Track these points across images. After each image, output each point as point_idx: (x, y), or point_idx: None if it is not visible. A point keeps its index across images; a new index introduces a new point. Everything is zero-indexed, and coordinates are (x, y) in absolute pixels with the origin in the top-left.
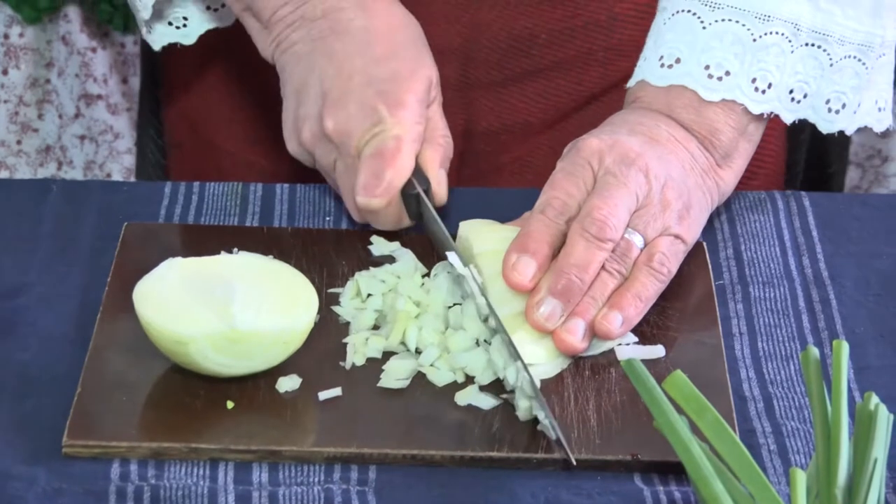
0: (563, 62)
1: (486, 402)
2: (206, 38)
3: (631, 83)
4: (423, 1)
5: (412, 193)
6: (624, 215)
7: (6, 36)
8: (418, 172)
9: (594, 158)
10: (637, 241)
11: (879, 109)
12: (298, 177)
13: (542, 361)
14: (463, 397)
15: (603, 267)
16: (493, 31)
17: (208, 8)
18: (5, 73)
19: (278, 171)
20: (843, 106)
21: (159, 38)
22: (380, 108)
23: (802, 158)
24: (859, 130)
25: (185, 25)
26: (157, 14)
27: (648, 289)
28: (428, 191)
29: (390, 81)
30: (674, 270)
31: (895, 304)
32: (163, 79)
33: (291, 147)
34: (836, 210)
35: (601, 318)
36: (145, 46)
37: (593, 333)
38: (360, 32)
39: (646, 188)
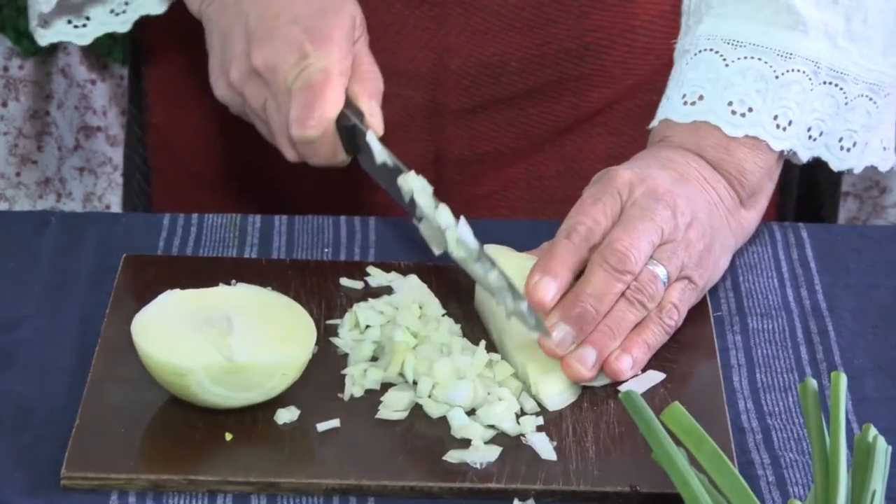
0: (534, 90)
1: (484, 433)
2: (188, 62)
3: (654, 123)
4: (392, 25)
5: (347, 126)
6: (646, 248)
7: (6, 68)
8: (350, 105)
9: (624, 189)
10: (661, 273)
11: (884, 149)
12: (273, 205)
13: (554, 393)
14: (460, 430)
15: (625, 297)
16: (462, 57)
17: (112, 11)
18: (5, 105)
19: (255, 199)
20: (854, 144)
21: (53, 34)
22: (305, 44)
23: (793, 196)
24: None
25: (84, 25)
26: (61, 9)
27: (657, 337)
28: (362, 122)
29: (315, 18)
30: (682, 319)
31: (893, 336)
32: (146, 103)
33: (220, 90)
34: (834, 242)
35: (614, 359)
36: (133, 68)
37: (601, 366)
38: None
39: (671, 224)
